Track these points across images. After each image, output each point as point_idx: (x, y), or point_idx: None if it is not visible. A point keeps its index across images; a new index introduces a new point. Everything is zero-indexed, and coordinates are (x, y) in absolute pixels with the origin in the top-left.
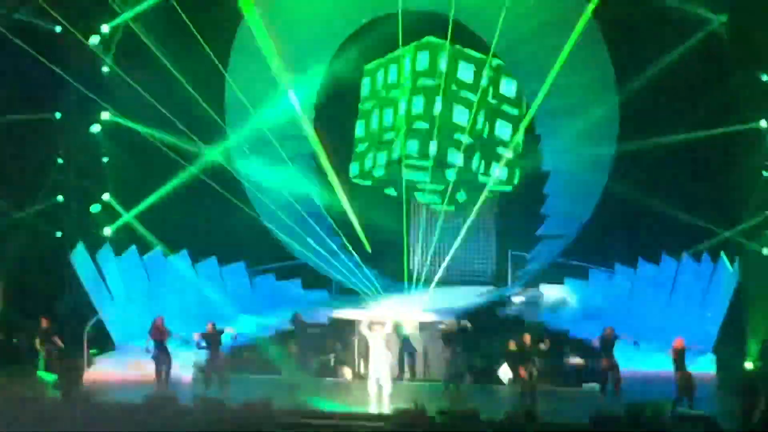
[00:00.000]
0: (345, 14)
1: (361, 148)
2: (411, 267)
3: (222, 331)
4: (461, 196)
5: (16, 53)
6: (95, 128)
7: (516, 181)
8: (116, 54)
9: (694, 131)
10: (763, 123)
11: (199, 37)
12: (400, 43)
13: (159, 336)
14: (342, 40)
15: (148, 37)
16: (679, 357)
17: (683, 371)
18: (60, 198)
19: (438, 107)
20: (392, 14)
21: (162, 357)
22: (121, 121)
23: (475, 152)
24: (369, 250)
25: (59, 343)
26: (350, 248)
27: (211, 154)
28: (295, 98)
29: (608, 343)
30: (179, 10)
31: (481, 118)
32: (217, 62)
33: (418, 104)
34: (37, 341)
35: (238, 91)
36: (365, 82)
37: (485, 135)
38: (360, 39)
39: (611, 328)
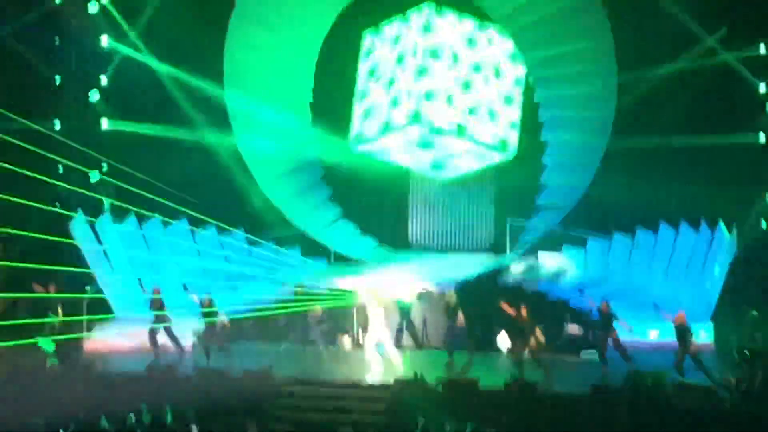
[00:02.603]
0: None
1: (360, 115)
2: (410, 236)
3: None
4: (460, 165)
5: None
6: (94, 96)
7: (515, 150)
8: (115, 23)
9: (694, 100)
10: (762, 88)
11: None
12: (401, 7)
13: (157, 305)
14: (342, 6)
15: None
16: (681, 332)
17: (685, 347)
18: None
19: (439, 74)
20: None
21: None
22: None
23: (475, 120)
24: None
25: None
26: (350, 217)
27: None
28: (294, 65)
29: (606, 317)
30: None
31: (481, 86)
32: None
33: (419, 71)
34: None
35: (236, 59)
36: (365, 47)
37: (485, 103)
38: (360, 4)
39: (606, 302)
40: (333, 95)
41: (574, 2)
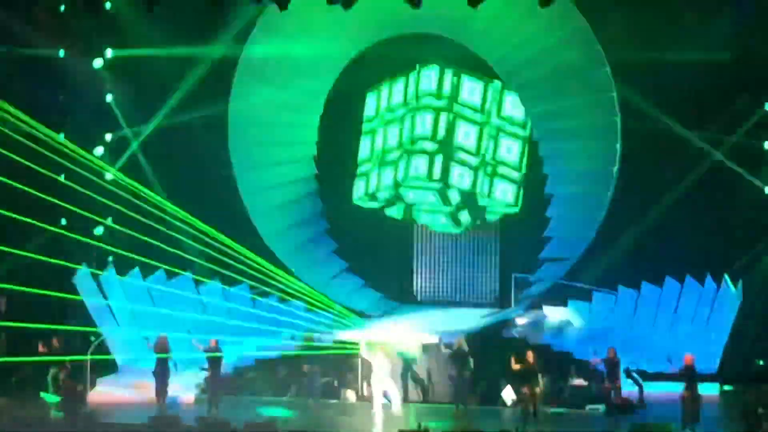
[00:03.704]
0: (349, 37)
1: (364, 169)
2: (415, 289)
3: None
4: (465, 219)
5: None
6: (99, 150)
7: (520, 204)
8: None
9: (698, 152)
10: (766, 144)
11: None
12: (405, 65)
13: (161, 353)
14: (346, 63)
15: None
16: (689, 375)
17: (692, 391)
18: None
19: (442, 129)
20: (397, 37)
21: (163, 374)
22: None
23: (479, 174)
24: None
25: (68, 366)
26: (355, 270)
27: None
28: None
29: (612, 365)
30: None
31: (485, 140)
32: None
33: (422, 125)
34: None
35: (240, 114)
36: (369, 103)
37: (489, 157)
38: (364, 61)
39: (614, 349)
40: (337, 149)
41: (578, 58)
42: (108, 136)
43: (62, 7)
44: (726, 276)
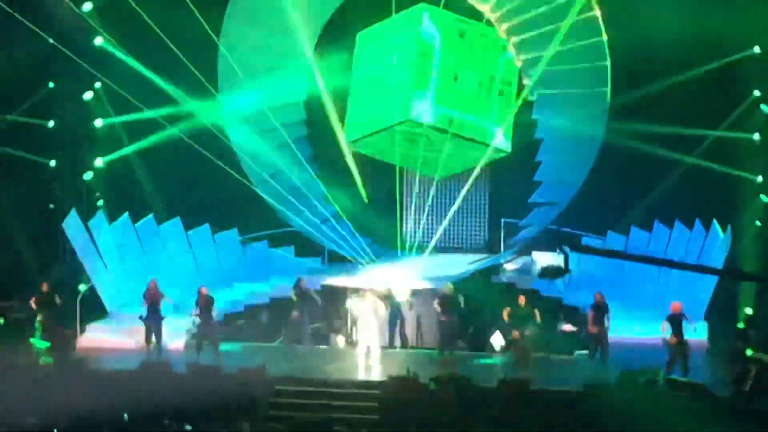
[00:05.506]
0: None
1: (354, 114)
2: (404, 234)
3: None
4: (455, 163)
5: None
6: (88, 95)
7: (510, 148)
8: (107, 19)
9: (687, 99)
10: (756, 92)
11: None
12: (395, 8)
13: (152, 299)
14: (336, 6)
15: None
16: (675, 322)
17: (678, 336)
18: (52, 164)
19: (433, 73)
20: None
21: (153, 320)
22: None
23: (469, 118)
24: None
25: (58, 300)
26: (343, 216)
27: (203, 120)
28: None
29: (600, 309)
30: None
31: (476, 85)
32: (210, 27)
33: (413, 70)
34: (34, 304)
35: (230, 56)
36: (359, 47)
37: (480, 101)
38: (355, 5)
39: (600, 294)
40: (328, 93)
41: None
42: (98, 83)
43: None
44: (715, 221)
